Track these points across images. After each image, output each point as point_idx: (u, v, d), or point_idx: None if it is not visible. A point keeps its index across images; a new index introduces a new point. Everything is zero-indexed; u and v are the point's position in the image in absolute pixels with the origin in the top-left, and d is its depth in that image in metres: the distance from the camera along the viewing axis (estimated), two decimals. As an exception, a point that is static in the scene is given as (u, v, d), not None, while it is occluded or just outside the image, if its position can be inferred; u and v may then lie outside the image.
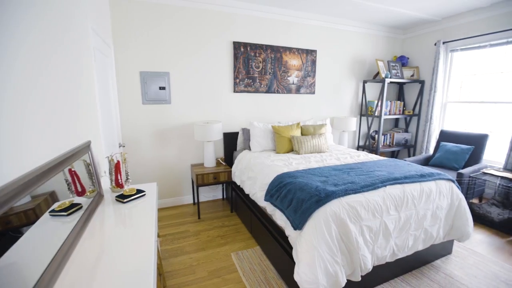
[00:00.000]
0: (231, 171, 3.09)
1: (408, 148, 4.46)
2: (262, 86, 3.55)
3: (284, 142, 3.08)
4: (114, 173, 1.66)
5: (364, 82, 4.31)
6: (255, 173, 2.54)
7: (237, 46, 3.29)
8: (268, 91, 3.60)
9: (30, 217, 0.81)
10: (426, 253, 2.13)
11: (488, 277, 2.03)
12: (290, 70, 3.70)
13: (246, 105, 3.54)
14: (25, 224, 0.78)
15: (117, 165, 1.66)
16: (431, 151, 4.12)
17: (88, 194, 1.35)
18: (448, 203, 2.11)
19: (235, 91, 3.41)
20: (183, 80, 3.13)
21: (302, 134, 3.31)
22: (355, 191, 1.78)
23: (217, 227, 2.81)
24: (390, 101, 4.24)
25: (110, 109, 2.41)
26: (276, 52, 3.55)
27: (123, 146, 2.74)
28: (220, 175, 3.03)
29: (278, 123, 3.43)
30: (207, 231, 2.73)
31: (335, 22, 3.85)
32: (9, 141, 0.74)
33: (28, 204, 0.80)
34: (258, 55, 3.44)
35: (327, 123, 3.69)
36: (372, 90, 4.48)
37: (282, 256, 1.91)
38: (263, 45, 3.45)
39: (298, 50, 3.69)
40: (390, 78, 3.96)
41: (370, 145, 4.34)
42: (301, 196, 1.75)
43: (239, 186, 2.88)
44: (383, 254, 1.77)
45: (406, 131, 4.58)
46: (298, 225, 1.63)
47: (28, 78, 0.87)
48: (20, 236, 0.74)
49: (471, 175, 3.04)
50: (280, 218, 1.91)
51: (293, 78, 3.74)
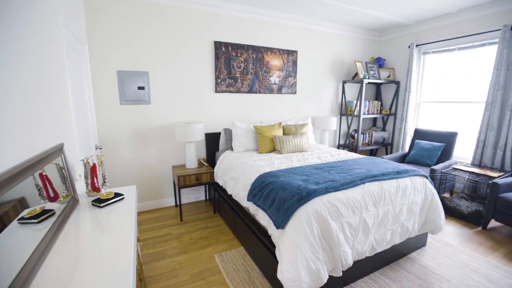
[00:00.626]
0: (213, 172, 3.06)
1: (386, 146, 4.64)
2: (244, 86, 3.55)
3: (266, 142, 3.10)
4: (90, 176, 1.59)
5: (344, 82, 4.43)
6: (238, 173, 2.53)
7: (218, 45, 3.27)
8: (250, 91, 3.61)
9: (-5, 226, 0.76)
10: (403, 246, 2.22)
11: (458, 266, 2.16)
12: (272, 70, 3.72)
13: (228, 105, 3.52)
14: (-11, 234, 0.73)
15: (93, 168, 1.59)
16: (406, 148, 4.31)
17: (62, 199, 1.28)
18: (422, 198, 2.22)
19: (216, 91, 3.38)
20: (163, 80, 3.06)
21: (284, 134, 3.35)
22: (336, 189, 1.82)
23: (200, 229, 2.78)
24: (368, 101, 4.38)
25: (85, 109, 2.31)
26: (258, 52, 3.56)
27: (100, 148, 2.63)
28: (203, 176, 2.99)
29: (260, 123, 3.44)
30: (189, 233, 2.69)
31: (315, 24, 3.92)
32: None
33: (-7, 212, 0.75)
34: (239, 55, 3.44)
35: (309, 123, 3.75)
36: (351, 90, 4.62)
37: (265, 255, 1.92)
38: (244, 45, 3.44)
39: (279, 50, 3.72)
40: (368, 78, 4.10)
41: (350, 143, 4.47)
42: (283, 195, 1.77)
43: (222, 186, 2.86)
44: (363, 249, 1.83)
45: (384, 130, 4.77)
46: (281, 224, 1.65)
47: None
48: (-16, 247, 0.69)
49: (442, 171, 3.22)
50: (263, 218, 1.92)
51: (274, 78, 3.77)
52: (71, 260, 0.98)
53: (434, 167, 3.21)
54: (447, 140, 3.60)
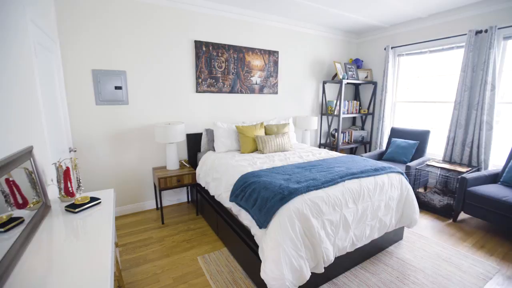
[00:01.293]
0: (195, 173, 3.01)
1: (365, 144, 4.80)
2: (226, 86, 3.53)
3: (249, 142, 3.10)
4: (63, 181, 1.52)
5: (324, 82, 4.53)
6: (220, 174, 2.51)
7: (198, 45, 3.22)
8: (232, 91, 3.59)
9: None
10: (381, 240, 2.31)
11: (432, 257, 2.28)
12: (253, 71, 3.73)
13: (210, 105, 3.48)
14: None
15: (66, 172, 1.52)
16: (384, 146, 4.48)
17: (32, 205, 1.21)
18: (398, 194, 2.31)
19: (197, 91, 3.33)
20: (142, 80, 2.97)
21: (266, 134, 3.37)
22: (317, 187, 1.86)
23: (182, 231, 2.73)
24: (348, 101, 4.51)
25: (57, 110, 2.19)
26: (239, 52, 3.55)
27: (74, 151, 2.51)
28: (184, 177, 2.94)
29: (242, 123, 3.44)
30: (171, 236, 2.63)
31: (296, 25, 3.98)
32: None
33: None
34: (220, 54, 3.41)
35: (290, 123, 3.80)
36: (331, 91, 4.73)
37: (249, 255, 1.92)
38: (225, 45, 3.42)
39: (260, 50, 3.74)
40: (347, 79, 4.22)
41: (330, 142, 4.58)
42: (265, 195, 1.78)
43: (204, 188, 2.82)
44: (343, 245, 1.88)
45: (363, 128, 4.93)
46: (263, 223, 1.66)
47: None
48: None
49: (417, 167, 3.38)
50: (245, 218, 1.92)
51: (256, 78, 3.78)
52: (43, 270, 0.93)
53: (409, 164, 3.37)
54: (421, 138, 3.78)
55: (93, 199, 1.51)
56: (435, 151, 3.95)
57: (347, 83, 4.58)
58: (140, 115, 3.03)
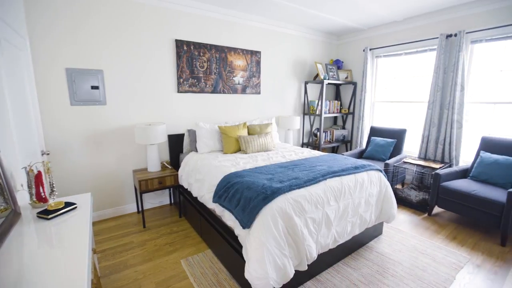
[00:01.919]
0: (177, 175, 2.96)
1: (346, 143, 4.93)
2: (208, 86, 3.49)
3: (231, 142, 3.09)
4: (34, 186, 1.43)
5: (306, 83, 4.60)
6: (203, 174, 2.48)
7: (179, 44, 3.17)
8: (214, 91, 3.56)
9: None
10: (362, 236, 2.38)
11: (409, 250, 2.38)
12: (236, 71, 3.72)
13: (192, 105, 3.43)
14: None
15: (38, 176, 1.44)
16: (364, 145, 4.62)
17: (-2, 213, 1.13)
18: (377, 191, 2.40)
19: (179, 91, 3.27)
20: (120, 79, 2.87)
21: (249, 134, 3.37)
22: (299, 186, 1.89)
23: (164, 234, 2.67)
24: (329, 100, 4.61)
25: (27, 111, 2.07)
26: (221, 52, 3.53)
27: (47, 154, 2.38)
28: (166, 179, 2.87)
29: (225, 124, 3.42)
30: (153, 240, 2.56)
31: (278, 25, 4.01)
32: None
33: None
34: (202, 54, 3.37)
35: (273, 122, 3.82)
36: (313, 91, 4.82)
37: (233, 256, 1.91)
38: (207, 44, 3.39)
39: (242, 50, 3.73)
40: (328, 79, 4.31)
41: (313, 142, 4.66)
42: (248, 195, 1.78)
43: (187, 189, 2.78)
44: (326, 242, 1.92)
45: (344, 128, 5.05)
46: (247, 223, 1.66)
47: None
48: None
49: (394, 164, 3.52)
50: (229, 219, 1.91)
51: (238, 79, 3.77)
52: (12, 281, 0.87)
53: (387, 161, 3.50)
54: (398, 136, 3.94)
55: (68, 204, 1.44)
56: (411, 149, 4.13)
57: (328, 84, 4.68)
58: (119, 115, 2.93)
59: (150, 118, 3.14)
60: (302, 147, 4.67)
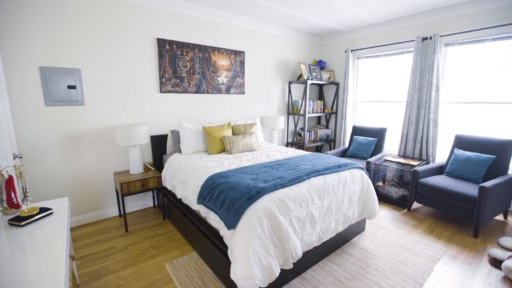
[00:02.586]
0: (161, 176, 2.90)
1: (329, 142, 5.03)
2: (191, 86, 3.45)
3: (216, 143, 3.07)
4: (5, 191, 1.35)
5: (290, 83, 4.65)
6: (187, 176, 2.45)
7: (162, 43, 3.10)
8: (198, 91, 3.52)
9: None
10: (346, 233, 2.44)
11: (390, 244, 2.46)
12: (219, 70, 3.69)
13: (175, 106, 3.37)
14: None
15: (9, 180, 1.36)
16: (347, 144, 4.74)
17: (-35, 221, 1.06)
18: (360, 188, 2.46)
19: (161, 91, 3.20)
20: (99, 78, 2.77)
21: (234, 134, 3.36)
22: (284, 185, 1.90)
23: (148, 238, 2.60)
24: (313, 100, 4.68)
25: (-3, 112, 1.95)
26: (204, 52, 3.49)
27: (20, 157, 2.25)
28: (149, 181, 2.81)
29: (209, 124, 3.39)
30: (136, 244, 2.50)
31: (262, 26, 4.02)
32: None
33: None
34: (185, 54, 3.32)
35: (257, 122, 3.84)
36: (297, 91, 4.88)
37: (219, 257, 1.90)
38: (190, 43, 3.34)
39: (226, 50, 3.71)
40: (311, 80, 4.38)
41: (297, 141, 4.72)
42: (233, 195, 1.77)
43: (171, 191, 2.73)
44: (311, 240, 1.94)
45: (327, 127, 5.15)
46: (232, 224, 1.65)
47: None
48: None
49: (376, 162, 3.63)
50: (214, 220, 1.89)
51: (222, 78, 3.74)
52: (-21, 293, 0.82)
53: (369, 159, 3.60)
54: (379, 135, 4.07)
55: (43, 209, 1.37)
56: (392, 147, 4.28)
57: (312, 84, 4.75)
58: (98, 116, 2.83)
59: (132, 119, 3.05)
60: (287, 146, 4.72)
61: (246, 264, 1.53)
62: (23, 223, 1.24)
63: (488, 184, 2.51)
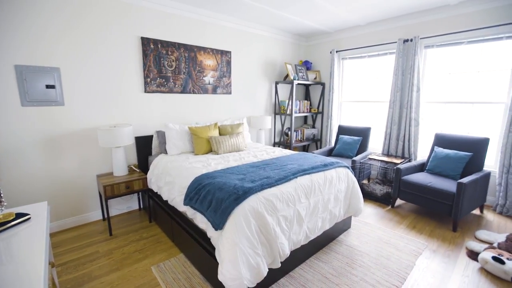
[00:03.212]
0: (146, 178, 2.84)
1: (316, 142, 5.10)
2: (177, 86, 3.40)
3: (203, 143, 3.04)
4: (-22, 196, 1.28)
5: (276, 83, 4.68)
6: (173, 177, 2.41)
7: (146, 42, 3.04)
8: (184, 91, 3.47)
9: None
10: (332, 231, 2.48)
11: (375, 241, 2.53)
12: (206, 70, 3.66)
13: (160, 106, 3.31)
14: None
15: (-18, 186, 1.29)
16: (333, 143, 4.82)
17: None
18: (345, 186, 2.51)
19: (146, 91, 3.14)
20: (80, 78, 2.68)
21: (220, 134, 3.34)
22: (271, 185, 1.91)
23: (133, 241, 2.54)
24: (299, 100, 4.73)
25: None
26: (190, 51, 3.45)
27: (-5, 161, 2.15)
28: (134, 183, 2.74)
29: (195, 124, 3.35)
30: (121, 248, 2.43)
31: (248, 26, 4.02)
32: None
33: None
34: (170, 53, 3.27)
35: (244, 122, 3.83)
36: (284, 91, 4.91)
37: (206, 259, 1.88)
38: (175, 43, 3.29)
39: (213, 50, 3.69)
40: (298, 80, 4.43)
41: (284, 141, 4.75)
42: (220, 196, 1.76)
43: (157, 193, 2.68)
44: (298, 239, 1.96)
45: (313, 127, 5.22)
46: (219, 224, 1.64)
47: None
48: None
49: (361, 161, 3.72)
50: (201, 221, 1.87)
51: (209, 78, 3.71)
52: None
53: (354, 158, 3.68)
54: (364, 134, 4.17)
55: (19, 215, 1.31)
56: (376, 146, 4.39)
57: (298, 84, 4.80)
58: (80, 117, 2.73)
59: (115, 119, 2.97)
60: (274, 146, 4.75)
61: (234, 264, 1.52)
62: (-2, 229, 1.18)
63: (465, 180, 2.63)
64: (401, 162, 3.52)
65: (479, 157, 2.99)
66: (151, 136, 3.21)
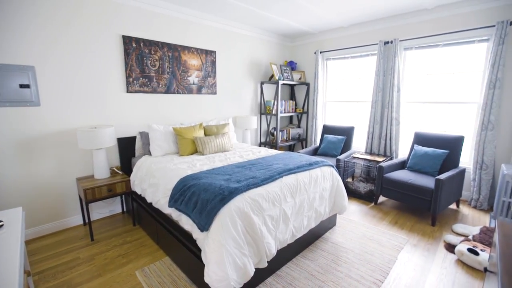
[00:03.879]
0: (130, 180, 2.76)
1: (301, 141, 5.16)
2: (161, 86, 3.33)
3: (188, 144, 3.00)
4: None
5: (262, 83, 4.69)
6: (157, 179, 2.36)
7: (127, 41, 2.96)
8: (168, 91, 3.41)
9: None
10: (318, 229, 2.52)
11: (359, 237, 2.59)
12: (190, 70, 3.61)
13: (143, 106, 3.23)
14: None
15: None
16: (318, 142, 4.89)
17: None
18: (330, 185, 2.55)
19: (128, 91, 3.05)
20: (57, 77, 2.57)
21: (206, 135, 3.31)
22: (256, 185, 1.91)
23: (116, 245, 2.47)
24: (284, 100, 4.77)
25: None
26: (174, 51, 3.39)
27: (-37, 165, 2.02)
28: (117, 186, 2.66)
29: (180, 125, 3.30)
30: (103, 253, 2.35)
31: (233, 26, 4.01)
32: None
33: None
34: (153, 52, 3.20)
35: (230, 123, 3.82)
36: (269, 91, 4.93)
37: (192, 261, 1.85)
38: (158, 42, 3.23)
39: (197, 50, 3.64)
40: (283, 80, 4.46)
41: (270, 141, 4.77)
42: (205, 197, 1.74)
43: (141, 195, 2.61)
44: (284, 238, 1.98)
45: (299, 126, 5.28)
46: (205, 226, 1.62)
47: None
48: None
49: (345, 160, 3.80)
50: (186, 223, 1.85)
51: (193, 78, 3.67)
52: None
53: (339, 157, 3.75)
54: (347, 134, 4.26)
55: (-9, 222, 1.24)
56: (359, 145, 4.50)
57: (283, 84, 4.84)
58: (57, 118, 2.62)
59: (96, 120, 2.87)
60: (260, 146, 4.76)
61: (220, 265, 1.51)
62: (-33, 238, 1.11)
63: (442, 176, 2.75)
64: (383, 160, 3.63)
65: (455, 154, 3.14)
66: (134, 137, 3.13)
